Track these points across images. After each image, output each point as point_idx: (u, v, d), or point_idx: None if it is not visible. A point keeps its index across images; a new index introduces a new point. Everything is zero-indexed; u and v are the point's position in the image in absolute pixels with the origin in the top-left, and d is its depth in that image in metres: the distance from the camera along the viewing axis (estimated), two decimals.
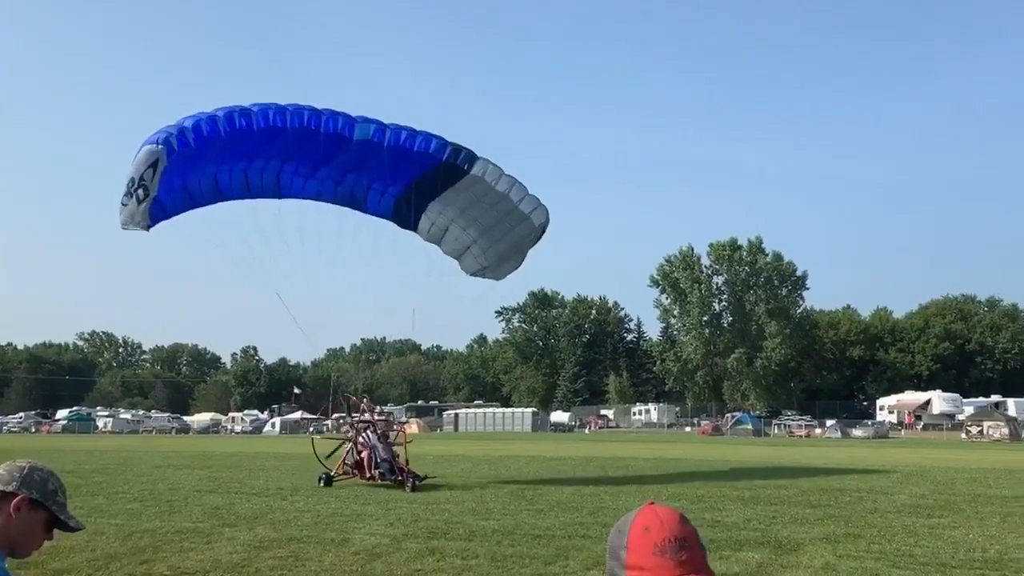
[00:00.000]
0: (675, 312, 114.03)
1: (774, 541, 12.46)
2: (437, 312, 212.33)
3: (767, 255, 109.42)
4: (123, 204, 17.37)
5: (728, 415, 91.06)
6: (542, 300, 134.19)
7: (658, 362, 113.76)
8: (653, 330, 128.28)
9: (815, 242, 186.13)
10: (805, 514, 15.75)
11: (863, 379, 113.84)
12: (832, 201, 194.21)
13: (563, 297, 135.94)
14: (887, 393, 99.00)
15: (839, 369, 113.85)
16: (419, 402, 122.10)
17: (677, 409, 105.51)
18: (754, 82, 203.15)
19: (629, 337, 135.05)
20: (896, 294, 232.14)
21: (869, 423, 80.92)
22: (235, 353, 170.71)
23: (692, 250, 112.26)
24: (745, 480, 23.67)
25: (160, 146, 16.87)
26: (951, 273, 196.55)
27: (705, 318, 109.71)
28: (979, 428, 70.78)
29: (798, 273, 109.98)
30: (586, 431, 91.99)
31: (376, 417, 22.75)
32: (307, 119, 18.64)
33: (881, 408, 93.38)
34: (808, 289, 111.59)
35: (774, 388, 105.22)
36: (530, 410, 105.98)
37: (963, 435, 70.71)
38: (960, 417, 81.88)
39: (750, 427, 79.59)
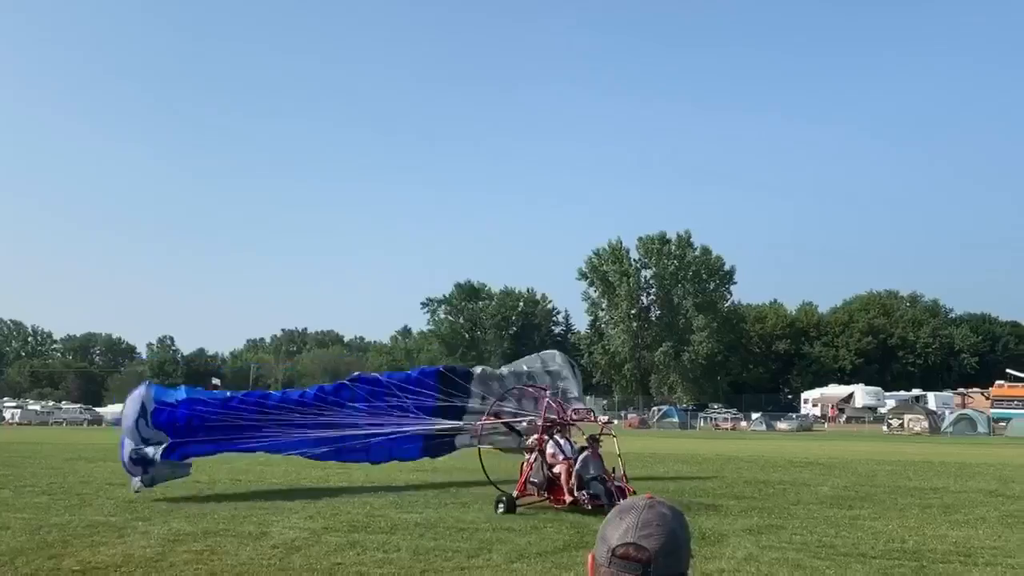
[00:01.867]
0: (603, 305, 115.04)
1: (698, 533, 12.65)
2: (360, 302, 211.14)
3: (696, 249, 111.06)
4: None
5: (655, 408, 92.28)
6: (468, 292, 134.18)
7: (586, 355, 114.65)
8: (581, 323, 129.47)
9: (744, 237, 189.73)
10: (729, 506, 16.05)
11: (788, 373, 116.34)
12: (762, 196, 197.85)
13: (490, 289, 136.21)
14: (812, 387, 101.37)
15: (765, 363, 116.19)
16: None
17: (604, 402, 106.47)
18: (683, 74, 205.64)
19: (557, 330, 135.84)
20: (822, 289, 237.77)
21: (794, 416, 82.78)
22: (151, 343, 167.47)
23: (621, 243, 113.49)
24: (671, 473, 24.03)
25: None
26: (875, 269, 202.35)
27: (633, 311, 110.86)
28: (900, 421, 72.95)
29: (726, 268, 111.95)
30: None
31: (571, 414, 17.07)
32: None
33: (805, 401, 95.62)
34: (736, 283, 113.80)
35: (701, 381, 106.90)
36: None
37: (885, 428, 72.78)
38: (882, 410, 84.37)
39: (676, 420, 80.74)
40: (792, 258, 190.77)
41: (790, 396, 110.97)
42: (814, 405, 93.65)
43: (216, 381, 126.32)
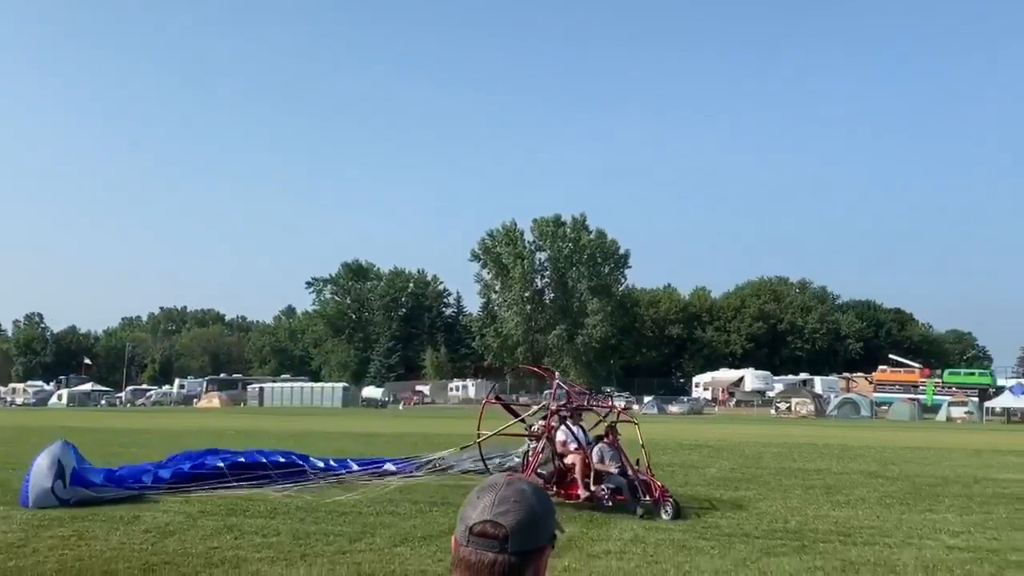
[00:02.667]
0: (496, 287, 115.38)
1: (586, 516, 12.87)
2: (243, 281, 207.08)
3: (591, 232, 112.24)
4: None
5: (547, 392, 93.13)
6: (356, 271, 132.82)
7: (477, 337, 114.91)
8: (473, 305, 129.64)
9: (638, 221, 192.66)
10: None
11: (681, 356, 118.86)
12: (657, 183, 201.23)
13: (379, 269, 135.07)
14: (703, 370, 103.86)
15: (658, 347, 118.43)
16: (221, 375, 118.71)
17: (496, 385, 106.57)
18: (578, 64, 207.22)
19: (448, 311, 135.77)
20: (715, 275, 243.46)
21: (685, 399, 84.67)
22: (17, 320, 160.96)
23: (515, 225, 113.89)
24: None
25: None
26: (767, 256, 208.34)
27: (527, 294, 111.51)
28: (787, 404, 75.47)
29: (621, 251, 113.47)
30: (400, 407, 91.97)
31: (586, 400, 16.07)
32: None
33: (697, 385, 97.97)
34: (630, 267, 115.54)
35: (594, 365, 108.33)
36: (341, 385, 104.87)
37: (773, 411, 75.15)
38: (770, 394, 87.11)
39: None
40: (686, 244, 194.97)
41: (682, 380, 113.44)
42: (705, 389, 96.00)
43: (88, 360, 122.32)
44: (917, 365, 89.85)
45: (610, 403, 16.54)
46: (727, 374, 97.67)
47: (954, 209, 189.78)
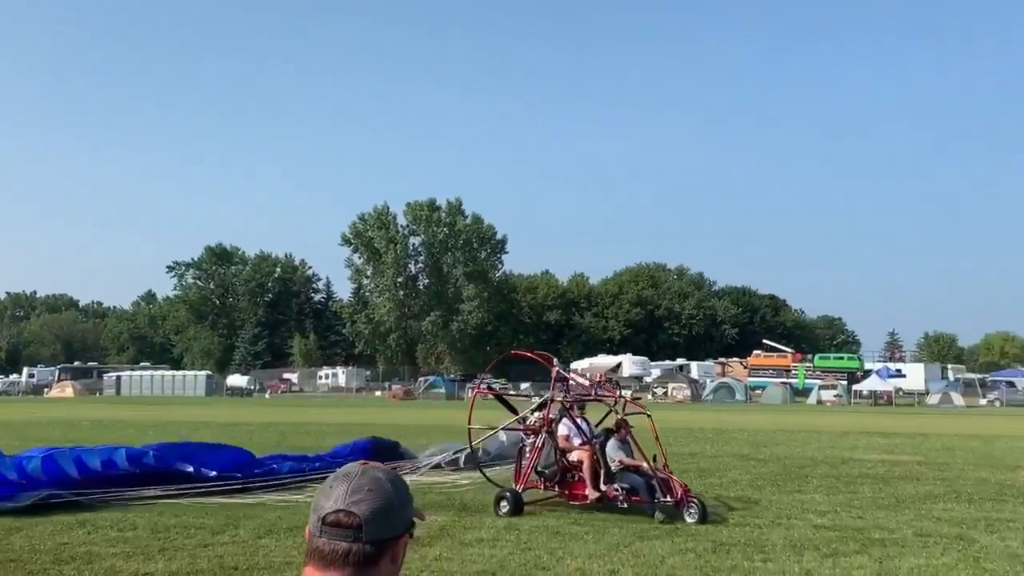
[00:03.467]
0: (368, 272, 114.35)
1: (459, 504, 12.97)
2: (98, 265, 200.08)
3: (467, 217, 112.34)
4: None
5: (421, 379, 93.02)
6: (220, 255, 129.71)
7: (348, 324, 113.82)
8: (344, 290, 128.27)
9: (516, 206, 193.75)
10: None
11: (559, 343, 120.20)
12: (534, 166, 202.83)
13: (244, 253, 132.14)
14: (581, 356, 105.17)
15: (536, 333, 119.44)
16: (75, 363, 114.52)
17: (367, 373, 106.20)
18: (452, 48, 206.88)
19: (317, 297, 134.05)
20: (593, 261, 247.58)
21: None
22: None
23: (388, 209, 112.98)
24: (435, 443, 24.34)
25: None
26: (645, 242, 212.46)
27: (400, 279, 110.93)
28: (664, 390, 77.27)
29: (498, 236, 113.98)
30: (267, 396, 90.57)
31: (597, 389, 14.76)
32: None
33: (575, 371, 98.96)
34: (507, 253, 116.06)
35: (470, 351, 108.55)
36: (204, 373, 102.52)
37: (650, 396, 76.78)
38: (648, 380, 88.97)
39: (444, 391, 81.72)
40: (564, 230, 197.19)
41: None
42: (582, 375, 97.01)
43: None
44: (789, 350, 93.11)
45: (617, 392, 14.91)
46: (605, 360, 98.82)
47: (826, 198, 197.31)
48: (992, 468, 19.41)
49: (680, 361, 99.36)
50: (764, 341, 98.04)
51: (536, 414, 13.95)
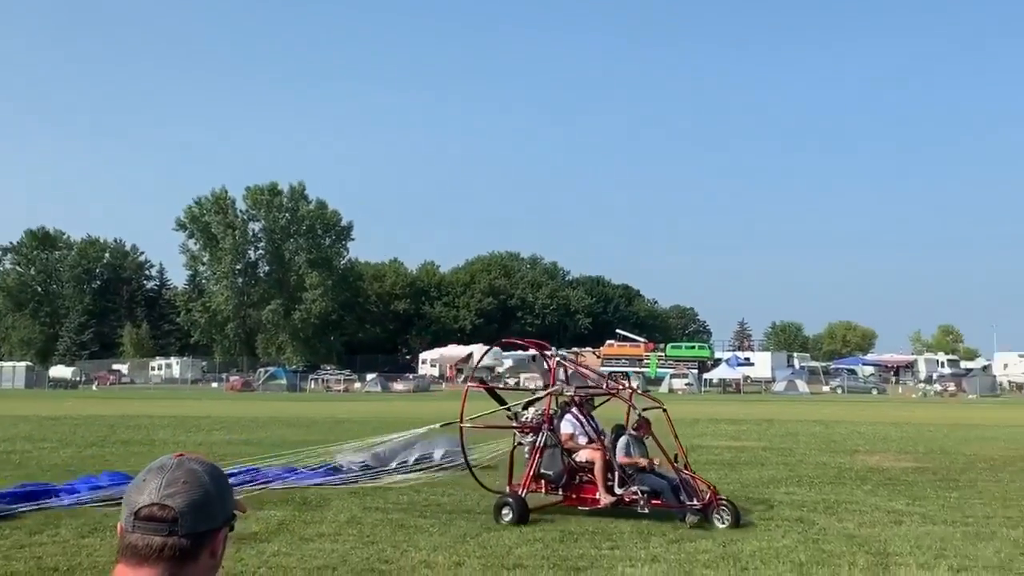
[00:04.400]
0: (205, 259, 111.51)
1: (299, 498, 12.80)
2: None
3: (310, 203, 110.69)
4: None
5: (261, 370, 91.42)
6: (42, 240, 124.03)
7: (183, 312, 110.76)
8: (179, 278, 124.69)
9: (363, 193, 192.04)
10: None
11: (407, 332, 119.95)
12: (383, 153, 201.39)
13: (69, 237, 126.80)
14: (431, 347, 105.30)
15: (383, 322, 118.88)
16: None
17: (203, 364, 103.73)
18: (295, 20, 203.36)
19: (150, 285, 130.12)
20: (445, 249, 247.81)
21: (411, 377, 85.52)
22: None
23: (226, 193, 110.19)
24: (274, 438, 23.98)
25: None
26: (498, 231, 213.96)
27: (239, 266, 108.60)
28: (516, 380, 77.89)
29: (343, 223, 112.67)
30: (94, 387, 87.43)
31: (605, 381, 13.99)
32: None
33: (424, 362, 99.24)
34: (353, 240, 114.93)
35: (313, 341, 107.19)
36: (24, 364, 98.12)
37: (501, 387, 77.39)
38: (500, 370, 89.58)
39: (285, 382, 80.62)
40: (414, 218, 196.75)
41: (408, 356, 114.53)
42: (432, 365, 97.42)
43: None
44: (642, 339, 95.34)
45: (625, 383, 13.42)
46: (455, 350, 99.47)
47: (679, 191, 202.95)
48: (832, 453, 20.45)
49: (533, 351, 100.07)
50: (617, 331, 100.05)
51: (531, 410, 12.96)
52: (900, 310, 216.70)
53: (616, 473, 11.69)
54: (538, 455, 12.10)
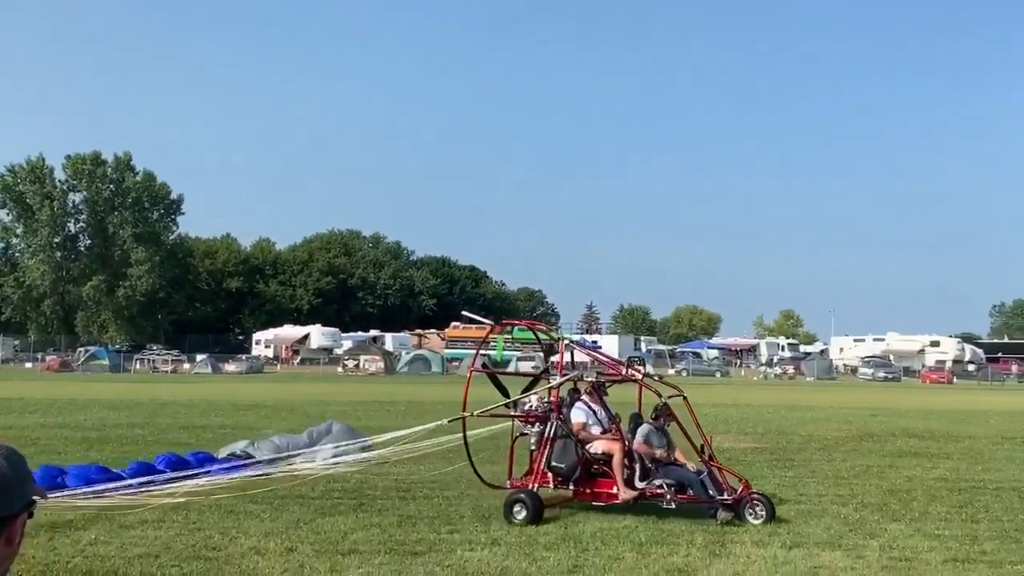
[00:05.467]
0: (18, 231, 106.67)
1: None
2: None
3: (137, 174, 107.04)
4: None
5: (81, 349, 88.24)
6: None
7: None
8: None
9: (195, 165, 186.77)
10: (161, 452, 16.01)
11: (241, 312, 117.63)
12: (215, 122, 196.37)
13: None
14: (265, 327, 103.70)
15: (214, 301, 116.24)
16: None
17: (16, 343, 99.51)
18: None
19: None
20: (281, 226, 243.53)
21: (244, 358, 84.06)
22: None
23: (44, 161, 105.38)
24: (94, 421, 23.24)
25: None
26: (337, 208, 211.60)
27: (57, 240, 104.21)
28: (356, 362, 77.53)
29: (173, 196, 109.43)
30: None
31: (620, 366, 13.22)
32: None
33: (258, 342, 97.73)
34: (183, 214, 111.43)
35: (139, 320, 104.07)
36: None
37: (340, 369, 76.90)
38: (339, 351, 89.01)
39: (107, 363, 78.13)
40: (248, 192, 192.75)
41: (241, 336, 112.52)
42: (267, 346, 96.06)
43: None
44: (489, 321, 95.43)
45: (641, 368, 13.02)
46: (292, 331, 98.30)
47: (527, 172, 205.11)
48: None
49: (374, 332, 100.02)
50: (463, 312, 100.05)
51: (533, 398, 12.29)
52: (744, 295, 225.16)
53: (637, 465, 11.20)
54: (548, 447, 11.43)
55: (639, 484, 11.04)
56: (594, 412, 11.87)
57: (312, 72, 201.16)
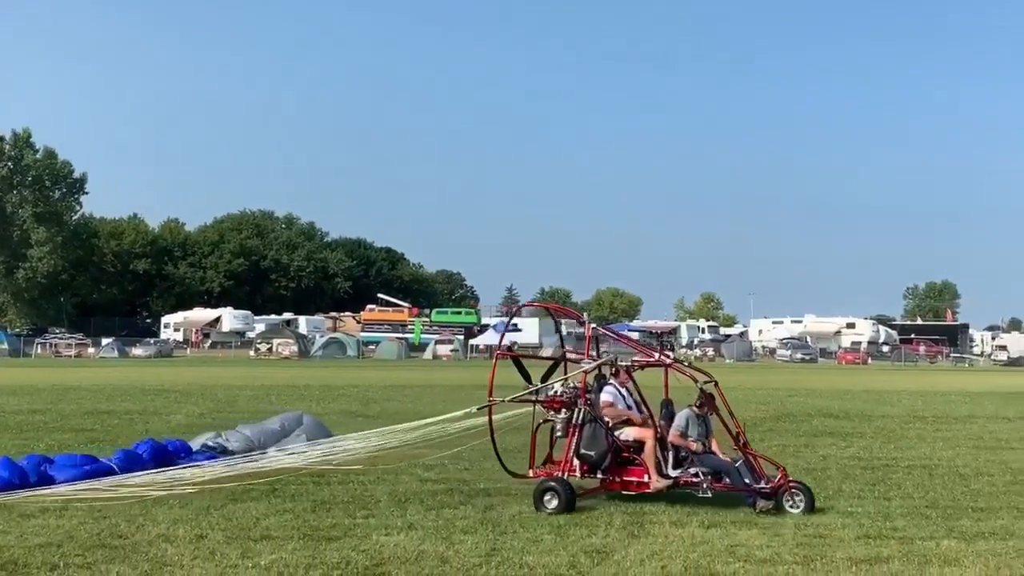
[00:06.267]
0: None
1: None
2: None
3: (37, 151, 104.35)
4: None
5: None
6: None
7: None
8: None
9: (98, 143, 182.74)
10: (64, 440, 16.06)
11: (148, 294, 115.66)
12: (121, 99, 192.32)
13: None
14: (175, 310, 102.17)
15: (121, 283, 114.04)
16: None
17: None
18: None
19: None
20: (190, 206, 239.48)
21: (152, 341, 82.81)
22: None
23: None
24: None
25: None
26: (249, 188, 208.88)
27: None
28: (269, 346, 76.83)
29: (76, 175, 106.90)
30: None
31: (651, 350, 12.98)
32: None
33: (167, 325, 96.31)
34: (87, 193, 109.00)
35: (40, 303, 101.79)
36: None
37: (252, 353, 76.14)
38: (251, 335, 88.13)
39: (6, 346, 76.54)
40: (156, 171, 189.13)
41: (149, 320, 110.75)
42: (176, 329, 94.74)
43: None
44: (406, 304, 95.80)
45: (670, 354, 12.58)
46: (202, 314, 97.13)
47: (447, 153, 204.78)
48: None
49: (287, 315, 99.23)
50: (380, 295, 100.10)
51: (558, 384, 11.72)
52: (665, 278, 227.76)
53: (670, 453, 11.02)
54: (576, 433, 11.06)
55: (673, 472, 10.88)
56: (623, 396, 11.62)
57: (219, 47, 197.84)
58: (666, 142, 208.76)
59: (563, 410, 11.39)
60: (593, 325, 12.69)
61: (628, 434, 11.17)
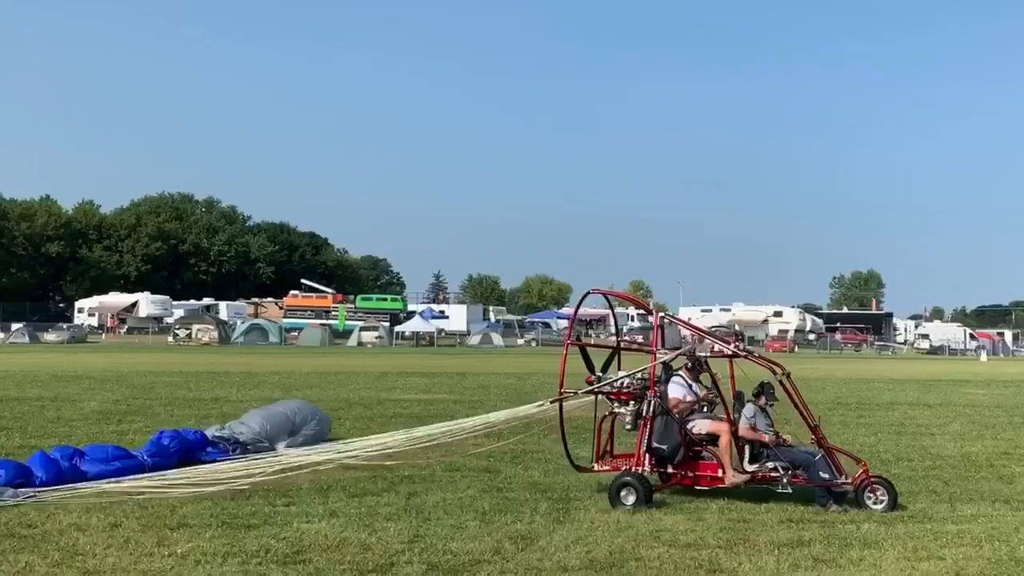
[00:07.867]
0: None
1: None
2: None
3: None
4: None
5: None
6: None
7: None
8: None
9: (8, 120, 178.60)
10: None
11: (62, 279, 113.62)
12: (32, 73, 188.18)
13: None
14: (89, 294, 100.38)
15: (32, 267, 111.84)
16: None
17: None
18: None
19: None
20: (105, 188, 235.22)
21: (65, 327, 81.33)
22: None
23: None
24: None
25: None
26: (168, 170, 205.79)
27: None
28: (188, 331, 75.78)
29: None
30: None
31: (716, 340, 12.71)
32: None
33: (81, 311, 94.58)
34: None
35: None
36: None
37: (170, 339, 75.11)
38: (169, 320, 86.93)
39: None
40: (70, 150, 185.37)
41: (62, 305, 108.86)
42: (91, 315, 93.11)
43: None
44: (330, 290, 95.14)
45: (740, 344, 12.15)
46: (118, 299, 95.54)
47: (375, 136, 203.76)
48: (521, 403, 21.28)
49: (207, 301, 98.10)
50: (303, 281, 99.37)
51: (622, 374, 11.34)
52: (594, 265, 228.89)
53: (746, 446, 10.78)
54: (648, 426, 10.68)
55: (749, 467, 10.66)
56: (691, 388, 11.39)
57: (139, 20, 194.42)
58: (596, 123, 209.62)
59: (631, 402, 11.00)
60: (661, 314, 12.41)
61: (702, 427, 10.96)
